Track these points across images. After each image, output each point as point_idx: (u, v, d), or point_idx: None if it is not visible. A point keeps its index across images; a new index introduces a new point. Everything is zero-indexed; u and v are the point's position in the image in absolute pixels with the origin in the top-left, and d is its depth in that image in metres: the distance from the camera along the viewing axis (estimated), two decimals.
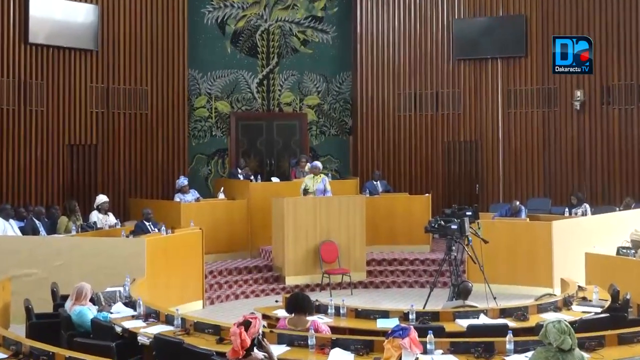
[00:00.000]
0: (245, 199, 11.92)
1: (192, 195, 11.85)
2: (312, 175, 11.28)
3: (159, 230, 9.61)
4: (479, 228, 9.11)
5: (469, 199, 14.03)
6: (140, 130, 13.27)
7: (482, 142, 14.19)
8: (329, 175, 12.95)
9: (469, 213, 9.11)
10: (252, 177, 12.74)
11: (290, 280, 10.64)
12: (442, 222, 8.73)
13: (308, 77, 14.70)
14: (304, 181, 11.30)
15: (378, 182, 13.09)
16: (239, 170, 13.00)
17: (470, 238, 8.79)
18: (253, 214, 11.85)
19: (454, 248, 8.69)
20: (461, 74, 14.23)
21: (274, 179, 12.75)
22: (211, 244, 10.76)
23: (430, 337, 5.19)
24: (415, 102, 14.33)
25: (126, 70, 13.13)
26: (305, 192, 11.01)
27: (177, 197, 11.74)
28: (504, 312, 6.60)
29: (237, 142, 14.37)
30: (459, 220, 8.65)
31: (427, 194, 12.62)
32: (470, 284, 7.11)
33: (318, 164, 11.40)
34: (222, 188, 12.20)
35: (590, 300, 7.01)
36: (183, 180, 11.90)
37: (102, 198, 10.58)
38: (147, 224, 10.01)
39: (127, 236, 9.38)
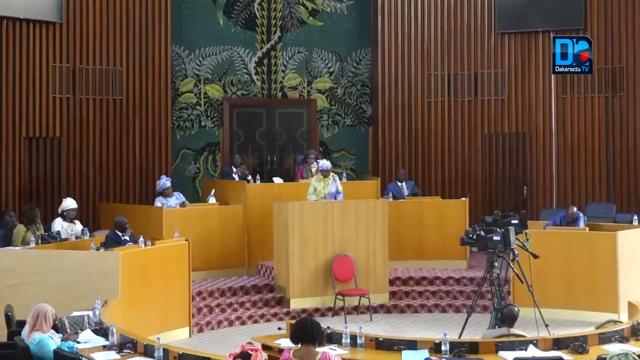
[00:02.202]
0: (241, 203, 11.94)
1: (176, 199, 11.87)
2: (320, 176, 11.27)
3: (136, 242, 9.62)
4: (528, 240, 9.08)
5: (515, 203, 13.98)
6: (114, 120, 13.31)
7: (531, 135, 14.14)
8: (344, 175, 12.95)
9: (515, 221, 9.08)
10: (249, 177, 12.76)
11: (296, 303, 10.64)
12: (482, 233, 8.71)
13: (318, 55, 14.70)
14: (310, 184, 11.30)
15: (403, 184, 13.08)
16: (234, 169, 13.01)
17: (516, 252, 8.77)
18: (251, 222, 11.85)
19: (496, 264, 8.67)
20: (505, 51, 14.19)
21: (276, 180, 12.76)
22: (200, 259, 10.78)
23: None
24: (449, 86, 14.30)
25: (96, 47, 13.17)
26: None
27: (158, 202, 11.77)
28: (558, 343, 6.57)
29: (231, 135, 14.39)
30: (502, 230, 8.63)
31: (463, 198, 12.60)
32: (516, 308, 7.08)
33: (326, 164, 11.35)
34: (213, 190, 12.22)
35: None
36: (165, 181, 11.92)
37: (69, 203, 10.58)
38: (121, 234, 10.03)
39: (98, 249, 9.41)
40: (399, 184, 13.08)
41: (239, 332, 9.99)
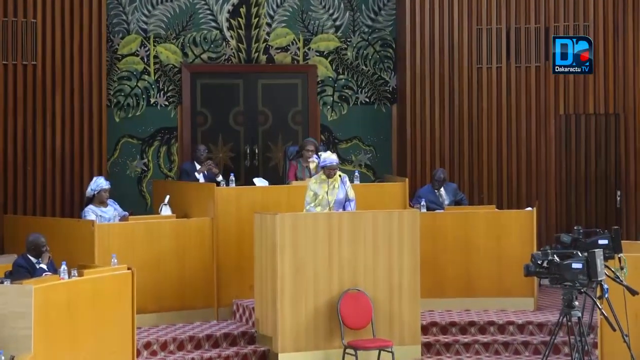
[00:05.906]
0: (208, 216, 11.95)
1: (113, 209, 11.88)
2: (322, 176, 11.27)
3: (56, 271, 9.63)
4: (622, 268, 9.08)
5: (605, 216, 14.00)
6: (25, 94, 13.32)
7: (627, 117, 14.17)
8: (356, 174, 12.95)
9: (603, 242, 9.09)
10: (219, 178, 12.78)
11: (288, 359, 10.70)
12: (557, 258, 8.71)
13: (318, 1, 14.72)
14: (308, 188, 11.30)
15: (442, 188, 13.07)
16: (197, 166, 13.03)
17: (605, 286, 8.76)
18: (222, 243, 11.88)
19: (577, 304, 8.68)
20: None
21: (259, 181, 12.77)
22: (149, 296, 10.79)
23: None
24: (509, 46, 14.32)
25: None
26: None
27: (89, 213, 11.76)
28: None
29: (193, 117, 14.40)
30: (585, 255, 8.63)
31: (529, 208, 12.60)
32: None
33: (331, 158, 11.33)
34: (168, 197, 12.24)
35: None
36: (101, 182, 11.90)
37: None
38: (35, 260, 10.03)
39: (1, 281, 9.41)
40: (436, 188, 13.08)
41: None
